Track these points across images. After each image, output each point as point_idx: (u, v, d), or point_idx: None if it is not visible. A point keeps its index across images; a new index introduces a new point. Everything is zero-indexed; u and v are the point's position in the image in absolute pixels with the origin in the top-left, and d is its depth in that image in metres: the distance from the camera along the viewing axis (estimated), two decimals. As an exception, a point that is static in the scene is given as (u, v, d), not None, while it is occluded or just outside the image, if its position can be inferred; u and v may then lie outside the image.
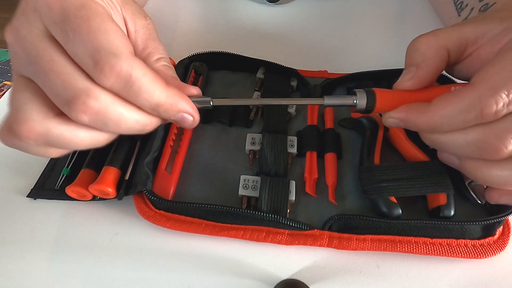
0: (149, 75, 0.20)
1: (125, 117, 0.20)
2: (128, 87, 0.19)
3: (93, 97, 0.18)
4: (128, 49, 0.19)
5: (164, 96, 0.20)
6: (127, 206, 0.28)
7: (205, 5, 0.49)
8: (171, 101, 0.21)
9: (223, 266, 0.26)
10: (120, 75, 0.18)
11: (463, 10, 0.38)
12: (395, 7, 0.50)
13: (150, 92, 0.20)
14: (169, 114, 0.21)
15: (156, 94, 0.20)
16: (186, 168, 0.30)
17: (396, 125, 0.24)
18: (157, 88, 0.20)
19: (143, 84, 0.19)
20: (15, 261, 0.26)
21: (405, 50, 0.44)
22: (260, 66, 0.37)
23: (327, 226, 0.26)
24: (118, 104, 0.19)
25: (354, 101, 0.24)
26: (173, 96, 0.21)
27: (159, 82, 0.20)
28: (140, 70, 0.19)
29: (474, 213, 0.28)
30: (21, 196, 0.29)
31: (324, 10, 0.49)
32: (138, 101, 0.20)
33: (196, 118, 0.23)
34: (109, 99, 0.19)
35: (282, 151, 0.30)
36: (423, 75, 0.23)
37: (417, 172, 0.27)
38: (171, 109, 0.21)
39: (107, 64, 0.18)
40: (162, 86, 0.20)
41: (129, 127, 0.21)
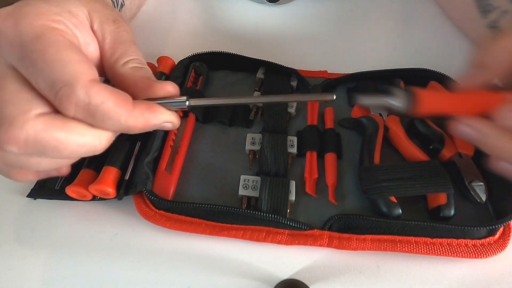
0: (111, 99, 0.19)
1: (64, 143, 0.19)
2: (90, 115, 0.18)
3: (17, 126, 0.17)
4: (86, 76, 0.18)
5: (132, 118, 0.19)
6: (127, 206, 0.28)
7: (205, 5, 0.49)
8: (142, 121, 0.20)
9: (223, 266, 0.26)
10: (78, 105, 0.18)
11: (490, 12, 0.37)
12: (395, 7, 0.50)
13: (116, 117, 0.19)
14: (146, 129, 0.21)
15: (122, 118, 0.19)
16: (186, 168, 0.30)
17: None
18: (122, 112, 0.19)
19: (105, 110, 0.18)
20: (15, 261, 0.26)
21: (405, 50, 0.44)
22: (260, 66, 0.37)
23: (327, 226, 0.26)
24: (54, 129, 0.18)
25: (392, 102, 0.22)
26: (142, 115, 0.20)
27: (124, 104, 0.19)
28: (100, 96, 0.18)
29: (474, 212, 0.28)
30: (21, 196, 0.29)
31: (324, 10, 0.48)
32: (107, 127, 0.19)
33: (176, 122, 0.22)
34: (40, 126, 0.18)
35: (282, 151, 0.30)
36: (491, 77, 0.22)
37: (417, 172, 0.27)
38: (146, 126, 0.20)
39: (64, 95, 0.18)
40: (127, 109, 0.19)
41: (72, 152, 0.19)
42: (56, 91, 0.18)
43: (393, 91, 0.23)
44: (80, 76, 0.18)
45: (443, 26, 0.46)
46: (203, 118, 0.34)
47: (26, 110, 0.18)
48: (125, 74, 0.22)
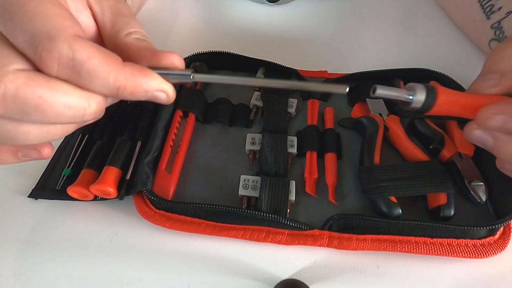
0: (97, 55, 0.17)
1: (49, 102, 0.17)
2: (76, 73, 0.17)
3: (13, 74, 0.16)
4: (69, 30, 0.17)
5: (122, 78, 0.18)
6: (127, 206, 0.28)
7: (205, 5, 0.49)
8: (132, 82, 0.18)
9: (223, 266, 0.26)
10: (61, 60, 0.16)
11: (494, 13, 0.37)
12: (395, 7, 0.50)
13: (104, 76, 0.17)
14: (137, 96, 0.19)
15: (111, 78, 0.17)
16: (186, 168, 0.30)
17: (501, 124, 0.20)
18: (111, 70, 0.17)
19: (91, 67, 0.17)
20: (16, 261, 0.26)
21: (405, 50, 0.44)
22: (260, 66, 0.37)
23: (327, 226, 0.26)
24: (35, 85, 0.16)
25: (410, 96, 0.21)
26: (133, 77, 0.18)
27: (112, 62, 0.18)
28: (85, 51, 0.17)
29: (475, 212, 0.28)
30: (23, 196, 0.29)
31: (324, 10, 0.48)
32: (95, 88, 0.18)
33: (171, 94, 0.20)
34: (20, 80, 0.16)
35: (282, 151, 0.30)
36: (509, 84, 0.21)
37: (417, 172, 0.27)
38: (137, 91, 0.19)
39: (44, 50, 0.16)
40: (116, 66, 0.18)
41: (58, 114, 0.17)
42: (36, 44, 0.16)
43: (412, 86, 0.22)
44: (63, 29, 0.17)
45: (443, 26, 0.46)
46: (203, 118, 0.34)
47: (4, 63, 0.16)
48: (128, 44, 0.21)
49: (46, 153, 0.21)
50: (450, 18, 0.46)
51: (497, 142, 0.21)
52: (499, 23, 0.36)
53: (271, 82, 0.21)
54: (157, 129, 0.30)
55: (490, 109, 0.20)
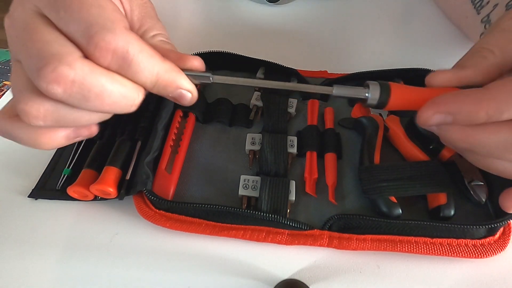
0: (147, 50, 0.18)
1: (109, 90, 0.18)
2: (127, 64, 0.18)
3: (66, 63, 0.16)
4: (123, 24, 0.18)
5: (163, 71, 0.19)
6: (127, 206, 0.28)
7: (205, 5, 0.49)
8: (169, 77, 0.20)
9: (223, 266, 0.26)
10: (116, 52, 0.17)
11: (483, 7, 0.37)
12: (395, 7, 0.50)
13: (150, 68, 0.19)
14: (167, 90, 0.20)
15: (155, 70, 0.19)
16: (186, 168, 0.30)
17: (441, 121, 0.20)
18: (155, 63, 0.19)
19: (141, 60, 0.18)
20: (15, 261, 0.26)
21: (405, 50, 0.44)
22: (260, 66, 0.37)
23: (327, 226, 0.26)
24: (99, 73, 0.17)
25: (366, 94, 0.22)
26: (171, 72, 0.20)
27: (157, 57, 0.19)
28: (138, 45, 0.18)
29: (474, 213, 0.28)
30: (22, 196, 0.29)
31: (324, 10, 0.48)
32: (138, 78, 0.19)
33: (195, 95, 0.22)
34: (87, 68, 0.17)
35: (282, 151, 0.30)
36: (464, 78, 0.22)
37: (417, 172, 0.27)
38: (170, 86, 0.20)
39: (102, 40, 0.17)
40: (160, 61, 0.19)
41: (114, 102, 0.18)
42: (92, 34, 0.17)
43: (368, 84, 0.23)
44: (118, 22, 0.18)
45: (443, 26, 0.46)
46: (203, 118, 0.34)
47: (70, 51, 0.17)
48: (155, 45, 0.22)
49: (94, 131, 0.22)
50: (447, 17, 0.46)
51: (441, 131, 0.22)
52: (488, 17, 0.36)
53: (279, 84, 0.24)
54: (157, 129, 0.30)
55: (425, 111, 0.21)
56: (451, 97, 0.20)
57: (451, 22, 0.46)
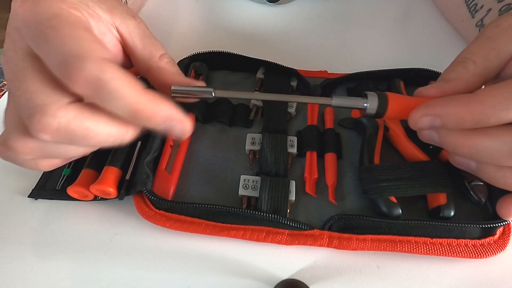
0: (122, 78, 0.18)
1: (93, 131, 0.19)
2: (99, 92, 0.18)
3: (50, 114, 0.18)
4: (98, 53, 0.18)
5: (142, 102, 0.18)
6: (127, 206, 0.28)
7: (205, 5, 0.49)
8: (151, 107, 0.19)
9: (223, 266, 0.26)
10: (89, 80, 0.17)
11: (477, 11, 0.37)
12: (395, 7, 0.50)
13: (125, 97, 0.18)
14: (152, 122, 0.19)
15: (132, 100, 0.18)
16: (186, 168, 0.30)
17: (430, 124, 0.21)
18: (132, 93, 0.18)
19: (115, 88, 0.18)
20: (15, 261, 0.26)
21: (405, 50, 0.44)
22: (260, 66, 0.37)
23: (327, 226, 0.26)
24: (83, 118, 0.18)
25: (364, 104, 0.23)
26: (152, 102, 0.19)
27: (135, 85, 0.18)
28: (111, 73, 0.18)
29: (474, 213, 0.28)
30: (22, 196, 0.29)
31: (324, 10, 0.48)
32: (113, 108, 0.18)
33: (188, 127, 0.21)
34: (70, 114, 0.18)
35: (282, 151, 0.30)
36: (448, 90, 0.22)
37: (417, 172, 0.27)
38: (154, 117, 0.19)
39: (74, 68, 0.17)
40: (138, 90, 0.19)
41: (101, 141, 0.19)
42: (67, 64, 0.17)
43: (366, 94, 0.23)
44: (92, 51, 0.18)
45: (443, 26, 0.46)
46: (203, 118, 0.34)
47: (56, 99, 0.18)
48: (163, 69, 0.23)
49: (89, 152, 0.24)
50: (445, 19, 0.47)
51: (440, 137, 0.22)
52: (481, 21, 0.37)
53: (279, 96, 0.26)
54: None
55: (415, 113, 0.22)
56: (439, 101, 0.21)
57: (450, 24, 0.46)
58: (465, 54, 0.23)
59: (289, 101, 0.33)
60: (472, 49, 0.23)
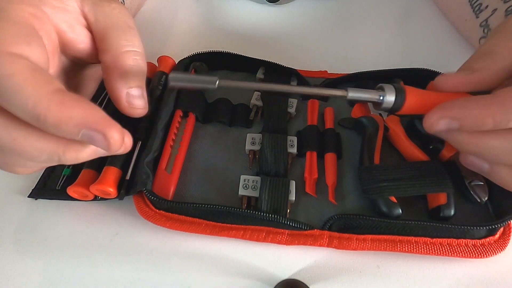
0: (26, 76, 0.15)
1: (22, 144, 0.16)
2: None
3: None
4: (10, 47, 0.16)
5: (46, 104, 0.15)
6: (127, 206, 0.28)
7: (205, 5, 0.49)
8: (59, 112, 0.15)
9: (223, 266, 0.26)
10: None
11: (482, 11, 0.37)
12: (395, 7, 0.50)
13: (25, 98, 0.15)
14: (62, 131, 0.16)
15: (33, 100, 0.15)
16: (186, 168, 0.30)
17: (447, 127, 0.20)
18: (34, 93, 0.15)
19: (13, 85, 0.15)
20: (15, 261, 0.26)
21: (405, 50, 0.44)
22: (260, 66, 0.37)
23: (327, 226, 0.26)
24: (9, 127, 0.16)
25: (381, 97, 0.22)
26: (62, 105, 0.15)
27: (42, 86, 0.15)
28: (12, 68, 0.15)
29: (475, 212, 0.28)
30: (22, 196, 0.29)
31: (324, 10, 0.48)
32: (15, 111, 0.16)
33: (115, 138, 0.16)
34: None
35: (282, 151, 0.30)
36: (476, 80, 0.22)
37: (417, 172, 0.27)
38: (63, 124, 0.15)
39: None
40: (44, 91, 0.15)
41: (34, 156, 0.17)
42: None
43: (382, 87, 0.22)
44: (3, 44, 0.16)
45: (443, 26, 0.46)
46: (203, 118, 0.34)
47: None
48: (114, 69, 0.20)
49: None
50: (447, 19, 0.46)
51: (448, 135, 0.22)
52: (486, 21, 0.36)
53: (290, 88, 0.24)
54: (157, 129, 0.30)
55: (432, 116, 0.21)
56: (458, 103, 0.20)
57: (451, 24, 0.46)
58: (490, 46, 0.22)
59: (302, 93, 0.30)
60: (498, 42, 0.22)
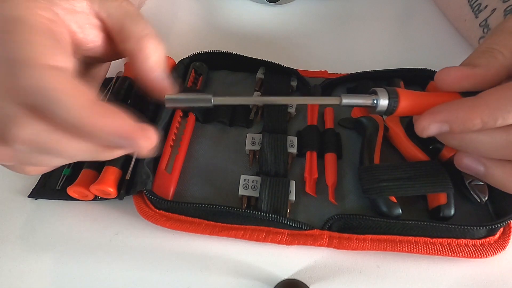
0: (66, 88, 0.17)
1: (63, 145, 0.18)
2: (42, 102, 0.17)
3: (20, 125, 0.17)
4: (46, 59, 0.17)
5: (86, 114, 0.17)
6: (127, 206, 0.28)
7: (205, 5, 0.49)
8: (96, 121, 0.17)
9: (223, 266, 0.26)
10: (29, 88, 0.16)
11: (481, 11, 0.37)
12: (395, 7, 0.50)
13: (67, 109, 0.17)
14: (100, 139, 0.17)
15: (75, 112, 0.17)
16: (186, 168, 0.30)
17: (438, 130, 0.21)
18: (75, 104, 0.17)
19: (56, 98, 0.16)
20: (15, 261, 0.26)
21: (405, 50, 0.44)
22: (260, 66, 0.37)
23: (327, 226, 0.26)
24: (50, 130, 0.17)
25: (374, 101, 0.22)
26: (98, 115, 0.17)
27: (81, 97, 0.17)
28: (53, 82, 0.17)
29: (474, 212, 0.28)
30: (22, 196, 0.29)
31: (324, 10, 0.48)
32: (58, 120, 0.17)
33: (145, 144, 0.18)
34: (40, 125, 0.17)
35: (282, 151, 0.30)
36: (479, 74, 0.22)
37: (417, 172, 0.27)
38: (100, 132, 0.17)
39: (16, 76, 0.16)
40: (83, 101, 0.17)
41: (74, 155, 0.18)
42: (12, 72, 0.17)
43: (375, 91, 0.23)
44: (39, 57, 0.17)
45: (443, 26, 0.46)
46: (203, 118, 0.34)
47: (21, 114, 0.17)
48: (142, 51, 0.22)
49: None
50: (447, 19, 0.46)
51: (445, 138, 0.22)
52: (485, 21, 0.37)
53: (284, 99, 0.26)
54: (157, 129, 0.30)
55: (422, 122, 0.21)
56: (446, 107, 0.21)
57: (451, 24, 0.46)
58: (490, 44, 0.22)
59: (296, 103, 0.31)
60: (498, 41, 0.22)
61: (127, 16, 0.22)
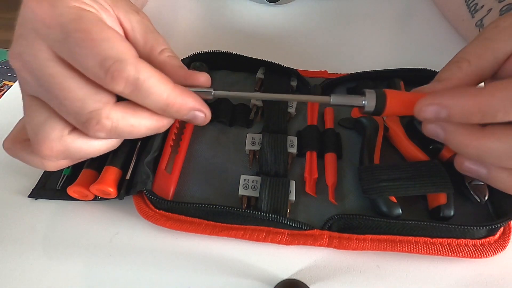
0: (156, 76, 0.20)
1: (137, 127, 0.21)
2: (137, 90, 0.20)
3: (105, 117, 0.20)
4: (132, 52, 0.20)
5: (173, 96, 0.21)
6: (127, 206, 0.28)
7: (205, 5, 0.49)
8: (180, 100, 0.21)
9: (223, 266, 0.26)
10: (128, 80, 0.19)
11: (477, 11, 0.37)
12: (395, 7, 0.50)
13: (159, 93, 0.20)
14: (180, 114, 0.22)
15: (164, 95, 0.20)
16: (186, 168, 0.30)
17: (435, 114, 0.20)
18: (165, 89, 0.20)
19: (150, 85, 0.20)
20: (15, 261, 0.26)
21: (405, 50, 0.44)
22: (260, 66, 0.37)
23: (327, 226, 0.26)
24: (128, 117, 0.21)
25: (363, 102, 0.23)
26: (181, 96, 0.21)
27: (167, 82, 0.21)
28: (146, 72, 0.19)
29: (475, 212, 0.28)
30: (22, 196, 0.29)
31: (324, 10, 0.49)
32: (148, 103, 0.20)
33: (208, 114, 0.23)
34: (119, 115, 0.20)
35: (282, 151, 0.30)
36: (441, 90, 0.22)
37: (417, 172, 0.27)
38: (182, 109, 0.21)
39: (116, 71, 0.19)
40: (169, 86, 0.21)
41: (143, 133, 0.22)
42: (108, 67, 0.19)
43: (364, 91, 0.23)
44: (128, 52, 0.19)
45: (443, 26, 0.46)
46: (203, 118, 0.34)
47: (105, 101, 0.20)
48: (164, 63, 0.23)
49: None
50: (445, 18, 0.47)
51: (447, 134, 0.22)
52: (481, 21, 0.37)
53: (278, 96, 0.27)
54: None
55: (421, 102, 0.21)
56: (447, 91, 0.21)
57: (450, 24, 0.46)
58: (460, 54, 0.23)
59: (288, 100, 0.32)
60: (468, 49, 0.23)
61: (149, 31, 0.24)
